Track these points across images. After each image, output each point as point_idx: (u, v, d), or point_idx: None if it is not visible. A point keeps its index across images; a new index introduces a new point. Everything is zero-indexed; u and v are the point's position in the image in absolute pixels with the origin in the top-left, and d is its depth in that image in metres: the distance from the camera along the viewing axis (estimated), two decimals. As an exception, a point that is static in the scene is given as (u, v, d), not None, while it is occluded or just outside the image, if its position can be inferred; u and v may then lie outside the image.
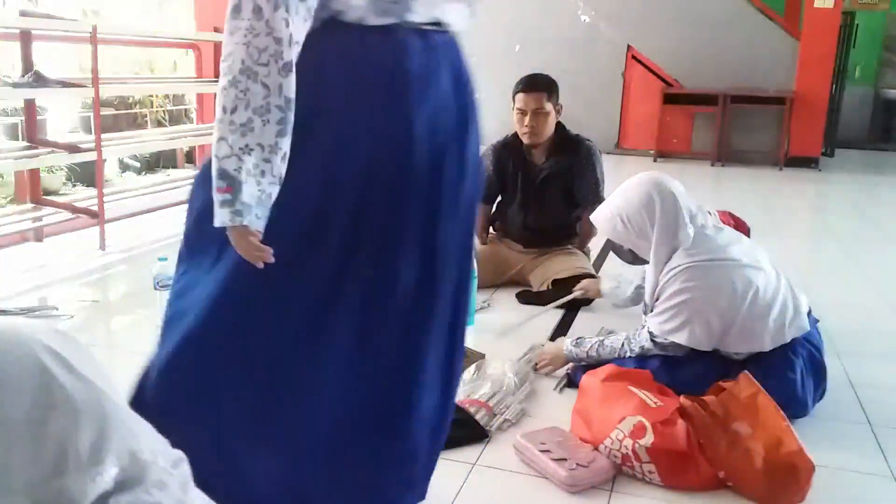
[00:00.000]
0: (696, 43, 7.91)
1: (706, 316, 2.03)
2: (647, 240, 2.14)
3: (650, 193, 2.13)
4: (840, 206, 6.17)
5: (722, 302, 2.03)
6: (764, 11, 7.84)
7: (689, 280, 2.05)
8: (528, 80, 3.10)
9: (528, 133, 3.07)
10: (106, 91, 4.08)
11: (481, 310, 2.92)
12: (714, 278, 2.05)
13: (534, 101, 3.04)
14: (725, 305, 2.03)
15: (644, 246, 2.16)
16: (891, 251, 4.47)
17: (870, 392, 2.35)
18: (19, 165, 3.71)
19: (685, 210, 2.12)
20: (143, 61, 6.94)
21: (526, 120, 3.06)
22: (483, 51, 8.50)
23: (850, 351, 2.66)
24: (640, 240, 2.17)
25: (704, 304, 2.03)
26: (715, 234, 2.14)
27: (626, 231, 2.18)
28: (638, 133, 8.20)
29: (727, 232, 2.20)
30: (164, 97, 6.70)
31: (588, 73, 8.18)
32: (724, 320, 2.04)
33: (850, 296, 3.42)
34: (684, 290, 2.05)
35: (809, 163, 7.63)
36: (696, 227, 2.12)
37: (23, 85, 3.58)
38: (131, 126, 6.27)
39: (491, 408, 2.05)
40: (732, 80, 7.82)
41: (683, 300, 2.04)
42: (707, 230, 2.14)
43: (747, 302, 2.04)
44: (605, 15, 8.14)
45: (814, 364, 2.14)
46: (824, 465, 1.83)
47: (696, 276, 2.05)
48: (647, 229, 2.13)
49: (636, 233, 2.16)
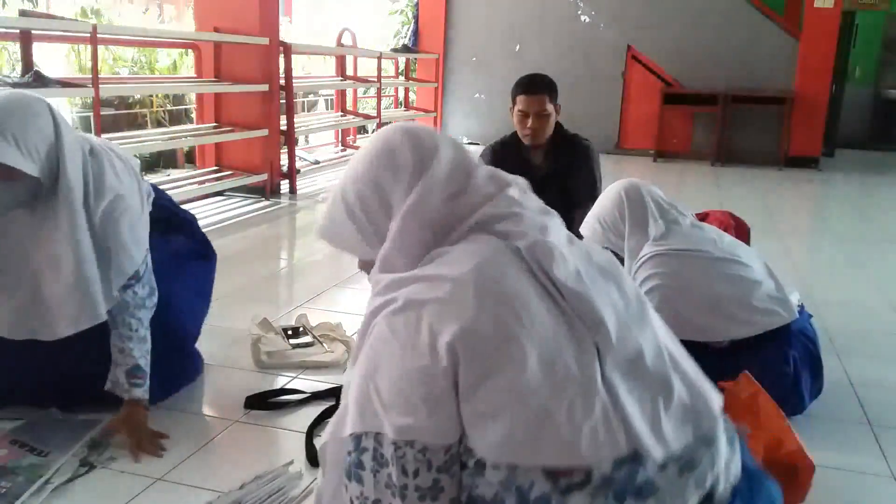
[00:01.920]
0: (696, 43, 7.91)
1: (674, 304, 2.02)
2: (623, 237, 2.19)
3: (620, 193, 2.22)
4: (840, 206, 6.16)
5: (691, 290, 2.05)
6: (764, 11, 7.84)
7: (656, 267, 2.08)
8: (530, 82, 3.07)
9: (530, 135, 3.05)
10: (106, 91, 4.07)
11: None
12: (682, 267, 2.07)
13: (536, 104, 3.01)
14: (695, 294, 2.04)
15: (621, 244, 2.20)
16: (891, 251, 4.46)
17: (870, 392, 2.35)
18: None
19: (654, 205, 2.18)
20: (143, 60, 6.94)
21: (529, 122, 3.03)
22: (483, 51, 8.54)
23: (850, 351, 2.65)
24: (617, 238, 2.21)
25: (672, 291, 2.05)
26: (689, 229, 2.17)
27: (603, 232, 2.24)
28: (638, 133, 8.19)
29: (706, 230, 2.22)
30: (164, 97, 6.69)
31: (588, 73, 8.18)
32: (695, 308, 2.04)
33: (850, 296, 3.42)
34: (652, 276, 2.07)
35: (809, 163, 7.62)
36: (667, 221, 2.16)
37: (23, 85, 3.58)
38: (131, 126, 6.26)
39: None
40: (732, 80, 7.82)
41: (651, 287, 2.06)
42: (680, 226, 2.17)
43: (720, 291, 2.05)
44: (605, 15, 8.14)
45: (810, 358, 2.14)
46: (824, 465, 1.83)
47: (664, 264, 2.08)
48: (621, 226, 2.19)
49: (613, 231, 2.22)
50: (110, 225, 1.79)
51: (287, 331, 2.55)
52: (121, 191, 1.82)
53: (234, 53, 5.09)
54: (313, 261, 3.77)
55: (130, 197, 1.86)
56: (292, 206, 5.08)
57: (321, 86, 7.78)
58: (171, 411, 2.02)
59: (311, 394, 2.14)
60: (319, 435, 1.94)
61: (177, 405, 2.05)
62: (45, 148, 1.68)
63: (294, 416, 2.04)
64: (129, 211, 1.84)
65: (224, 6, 5.03)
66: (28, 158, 1.64)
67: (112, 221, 1.79)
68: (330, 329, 2.59)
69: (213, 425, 1.98)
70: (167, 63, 7.46)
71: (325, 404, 2.08)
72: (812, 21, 7.52)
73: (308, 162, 6.16)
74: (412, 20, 8.98)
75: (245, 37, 4.96)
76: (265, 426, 2.00)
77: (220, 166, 5.22)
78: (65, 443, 1.81)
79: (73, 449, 1.79)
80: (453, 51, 8.69)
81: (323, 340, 2.50)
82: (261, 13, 5.02)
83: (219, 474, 1.74)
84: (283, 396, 2.14)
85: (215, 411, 2.06)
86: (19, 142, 1.63)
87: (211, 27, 5.03)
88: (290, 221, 4.73)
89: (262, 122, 5.14)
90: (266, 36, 5.03)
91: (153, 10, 9.77)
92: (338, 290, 3.22)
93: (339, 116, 7.06)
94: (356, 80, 7.19)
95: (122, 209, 1.82)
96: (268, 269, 3.61)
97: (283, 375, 2.30)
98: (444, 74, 8.66)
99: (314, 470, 1.78)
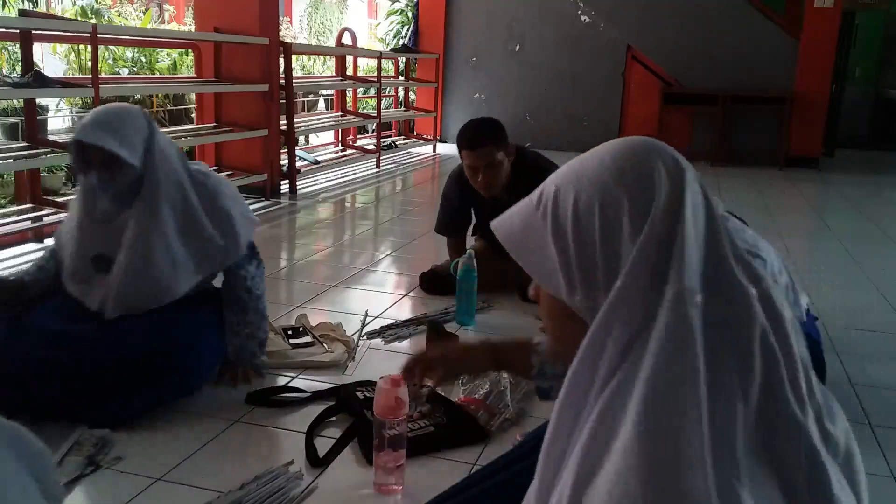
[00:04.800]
0: (696, 43, 7.91)
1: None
2: None
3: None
4: (840, 206, 6.16)
5: None
6: (764, 11, 7.84)
7: None
8: (472, 136, 2.87)
9: (484, 189, 2.92)
10: (106, 91, 4.07)
11: (481, 310, 2.92)
12: None
13: (483, 158, 2.84)
14: None
15: None
16: (891, 251, 4.47)
17: (870, 392, 2.35)
18: (19, 165, 3.71)
19: None
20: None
21: (479, 177, 2.89)
22: (483, 51, 8.54)
23: (850, 351, 2.65)
24: None
25: None
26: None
27: None
28: (638, 133, 8.12)
29: (731, 220, 2.22)
30: (164, 97, 6.69)
31: (588, 73, 8.18)
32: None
33: (850, 296, 3.42)
34: None
35: (809, 163, 7.62)
36: None
37: (23, 85, 3.58)
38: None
39: (490, 408, 2.05)
40: (732, 80, 7.82)
41: None
42: None
43: None
44: (605, 15, 8.14)
45: (814, 359, 2.13)
46: (824, 465, 1.83)
47: None
48: None
49: None
50: (215, 214, 2.08)
51: (287, 331, 2.55)
52: (221, 188, 2.13)
53: (234, 53, 5.09)
54: (313, 261, 3.77)
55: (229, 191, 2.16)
56: (292, 206, 5.08)
57: (321, 86, 7.78)
58: (171, 411, 2.02)
59: (311, 393, 2.14)
60: (319, 435, 1.94)
61: (177, 405, 2.05)
62: (141, 142, 1.97)
63: (294, 416, 2.04)
64: (236, 201, 2.15)
65: (224, 6, 5.03)
66: (126, 148, 1.94)
67: (220, 211, 2.09)
68: (330, 329, 2.59)
69: (213, 425, 1.98)
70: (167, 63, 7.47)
71: (325, 404, 2.08)
72: (812, 21, 7.52)
73: (308, 162, 6.16)
74: (412, 20, 8.98)
75: (245, 37, 4.96)
76: (265, 426, 2.00)
77: (220, 166, 5.21)
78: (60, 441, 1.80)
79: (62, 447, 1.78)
80: (453, 51, 8.69)
81: (323, 340, 2.50)
82: (261, 13, 5.02)
83: (219, 474, 1.74)
84: (284, 395, 2.14)
85: (215, 411, 2.06)
86: (117, 133, 1.93)
87: (211, 27, 5.03)
88: (290, 221, 4.73)
89: (262, 122, 5.14)
90: (266, 36, 5.03)
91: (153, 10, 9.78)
92: (338, 290, 3.22)
93: (339, 116, 7.06)
94: (356, 80, 7.19)
95: (225, 198, 2.12)
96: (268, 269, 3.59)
97: (283, 375, 2.30)
98: (444, 74, 8.66)
99: (314, 470, 1.78)
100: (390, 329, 2.68)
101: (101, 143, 1.90)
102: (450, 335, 2.40)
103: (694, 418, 0.67)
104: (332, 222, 4.90)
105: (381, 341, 2.60)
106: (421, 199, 5.65)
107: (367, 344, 2.56)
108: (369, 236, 4.51)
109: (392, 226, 4.72)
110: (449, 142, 8.17)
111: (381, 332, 2.65)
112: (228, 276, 2.19)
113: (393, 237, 4.36)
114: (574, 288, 0.76)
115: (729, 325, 0.71)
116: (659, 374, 0.68)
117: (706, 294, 0.71)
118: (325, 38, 14.59)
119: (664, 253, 0.72)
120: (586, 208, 0.76)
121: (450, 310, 2.88)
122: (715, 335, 0.70)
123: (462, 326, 2.74)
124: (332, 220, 4.97)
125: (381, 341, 2.60)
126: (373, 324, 2.73)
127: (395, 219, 4.92)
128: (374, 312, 2.86)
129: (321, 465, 1.80)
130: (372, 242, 4.32)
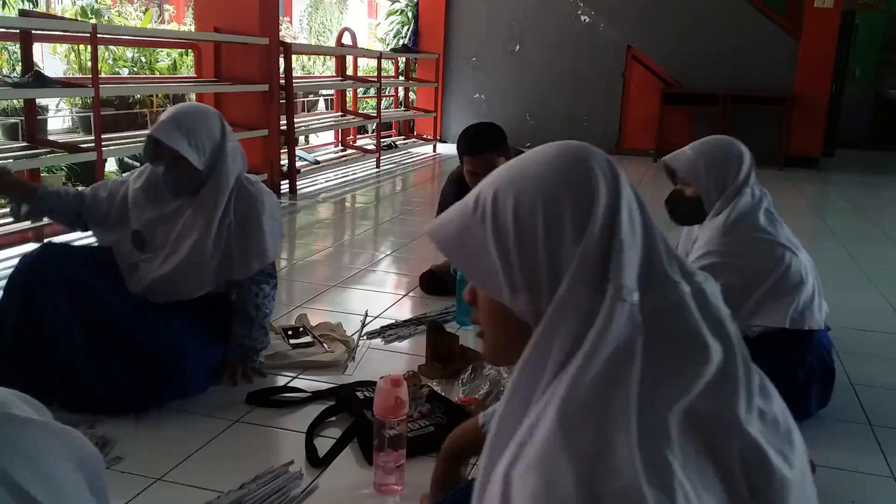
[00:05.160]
0: (696, 43, 7.91)
1: (729, 277, 2.01)
2: (719, 191, 2.13)
3: (743, 150, 2.16)
4: (840, 206, 6.16)
5: (750, 269, 2.06)
6: (764, 11, 7.84)
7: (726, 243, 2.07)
8: (472, 142, 2.86)
9: None
10: (106, 91, 4.07)
11: (481, 310, 2.92)
12: (750, 246, 2.08)
13: (484, 164, 2.80)
14: (751, 274, 2.06)
15: (713, 196, 2.14)
16: (891, 251, 4.46)
17: (870, 392, 2.35)
18: (19, 165, 3.71)
19: (753, 179, 2.17)
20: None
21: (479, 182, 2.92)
22: (483, 51, 8.54)
23: (850, 351, 2.65)
24: (714, 190, 2.13)
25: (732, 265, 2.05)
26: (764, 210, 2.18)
27: (706, 176, 2.14)
28: (638, 133, 8.19)
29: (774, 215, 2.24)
30: (164, 97, 6.69)
31: (588, 73, 8.18)
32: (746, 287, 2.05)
33: (850, 296, 3.42)
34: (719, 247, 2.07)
35: (809, 163, 7.62)
36: (754, 196, 2.16)
37: (23, 85, 3.58)
38: (131, 126, 6.26)
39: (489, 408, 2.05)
40: (732, 80, 7.81)
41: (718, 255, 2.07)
42: (761, 203, 2.17)
43: (775, 276, 2.06)
44: (605, 15, 8.14)
45: (824, 370, 2.14)
46: (824, 464, 1.83)
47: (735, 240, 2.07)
48: (728, 182, 2.12)
49: (714, 180, 2.13)
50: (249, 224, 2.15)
51: (287, 331, 2.55)
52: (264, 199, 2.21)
53: (234, 53, 5.09)
54: (313, 261, 3.77)
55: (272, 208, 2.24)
56: (292, 206, 5.08)
57: (321, 86, 7.78)
58: (171, 411, 2.02)
59: (311, 394, 2.14)
60: (319, 435, 1.94)
61: (177, 405, 2.05)
62: (210, 147, 2.07)
63: (294, 416, 2.04)
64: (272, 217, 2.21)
65: (224, 6, 5.03)
66: (195, 151, 2.02)
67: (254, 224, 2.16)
68: (330, 329, 2.59)
69: (213, 425, 1.98)
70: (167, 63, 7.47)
71: (325, 404, 2.08)
72: (812, 21, 7.52)
73: (308, 162, 6.17)
74: (412, 20, 8.98)
75: (245, 37, 4.96)
76: (265, 426, 2.00)
77: (220, 166, 5.21)
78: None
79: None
80: (453, 51, 8.69)
81: (323, 340, 2.50)
82: (261, 13, 5.01)
83: (219, 474, 1.74)
84: (284, 395, 2.15)
85: (215, 411, 2.06)
86: (191, 136, 2.02)
87: (211, 27, 5.03)
88: (291, 221, 4.73)
89: (262, 122, 5.14)
90: (266, 36, 5.03)
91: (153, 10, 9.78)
92: (338, 290, 3.22)
93: (339, 116, 7.06)
94: (356, 80, 7.19)
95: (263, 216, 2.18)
96: (268, 269, 3.61)
97: (283, 375, 2.30)
98: (444, 74, 8.66)
99: (314, 470, 1.78)
100: (390, 329, 2.69)
101: (174, 146, 2.00)
102: (450, 335, 2.40)
103: (621, 399, 0.68)
104: (332, 222, 4.90)
105: (381, 341, 2.60)
106: (421, 199, 5.65)
107: (367, 344, 2.56)
108: (369, 236, 4.51)
109: (392, 226, 4.72)
110: (449, 142, 8.17)
111: (381, 332, 2.65)
112: (242, 289, 2.22)
113: (393, 237, 4.36)
114: (516, 290, 0.76)
115: (664, 315, 0.74)
116: (589, 365, 0.69)
117: (641, 289, 0.73)
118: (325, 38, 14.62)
119: (606, 253, 0.74)
120: (528, 211, 0.76)
121: (450, 310, 2.88)
122: (649, 326, 0.72)
123: (462, 326, 2.74)
124: (332, 220, 4.97)
125: (381, 341, 2.60)
126: (373, 324, 2.73)
127: (395, 219, 4.93)
128: (374, 312, 2.86)
129: (321, 465, 1.80)
130: (372, 242, 4.32)
